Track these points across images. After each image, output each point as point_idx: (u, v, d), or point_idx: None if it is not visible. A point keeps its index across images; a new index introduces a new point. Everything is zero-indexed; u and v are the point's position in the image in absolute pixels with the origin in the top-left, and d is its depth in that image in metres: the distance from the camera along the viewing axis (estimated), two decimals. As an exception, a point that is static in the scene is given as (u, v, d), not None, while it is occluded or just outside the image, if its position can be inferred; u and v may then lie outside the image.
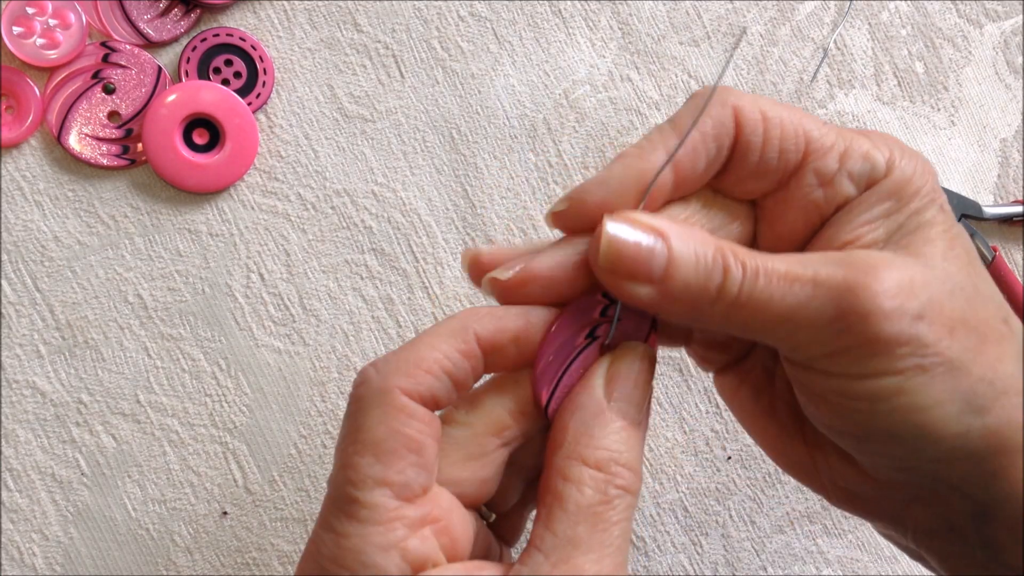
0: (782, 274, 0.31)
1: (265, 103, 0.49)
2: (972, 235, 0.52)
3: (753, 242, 0.35)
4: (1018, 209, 0.52)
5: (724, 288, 0.31)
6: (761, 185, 0.34)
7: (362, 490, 0.30)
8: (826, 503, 0.51)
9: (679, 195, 0.34)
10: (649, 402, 0.33)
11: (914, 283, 0.30)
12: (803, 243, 0.34)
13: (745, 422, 0.39)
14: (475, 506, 0.34)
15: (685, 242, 0.31)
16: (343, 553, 0.30)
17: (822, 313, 0.30)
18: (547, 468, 0.32)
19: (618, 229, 0.31)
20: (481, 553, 0.34)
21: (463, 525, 0.32)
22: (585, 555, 0.30)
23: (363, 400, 0.31)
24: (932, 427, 0.30)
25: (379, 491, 0.30)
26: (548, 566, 0.30)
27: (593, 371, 0.33)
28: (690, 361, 0.51)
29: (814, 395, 0.33)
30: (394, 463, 0.30)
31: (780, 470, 0.51)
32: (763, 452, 0.49)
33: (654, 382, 0.34)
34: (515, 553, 0.36)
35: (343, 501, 0.30)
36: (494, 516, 0.35)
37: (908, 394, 0.30)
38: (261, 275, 0.49)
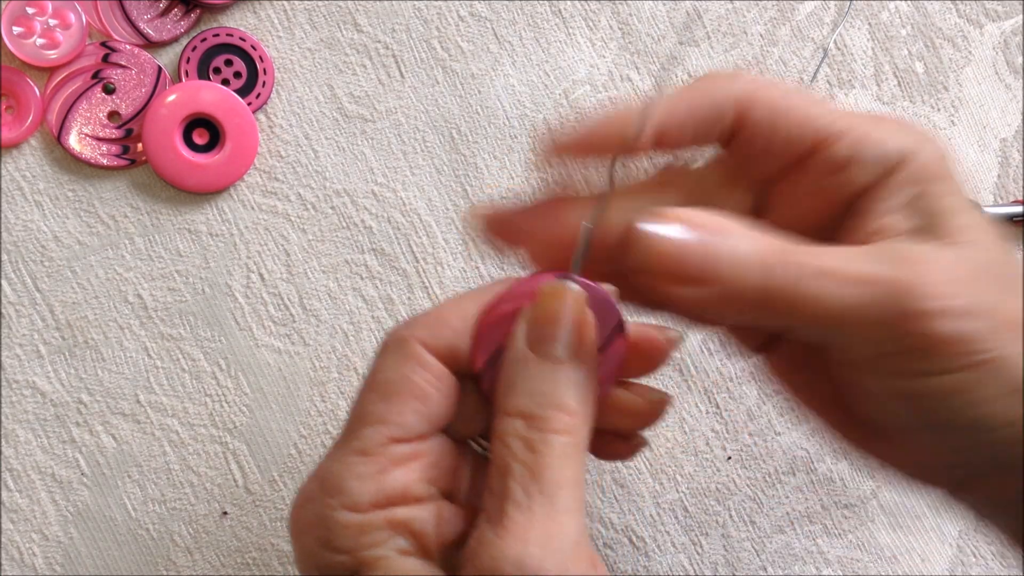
0: (832, 273, 0.29)
1: (265, 103, 0.49)
2: (972, 235, 0.52)
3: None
4: (1018, 209, 0.52)
5: (777, 289, 0.29)
6: (767, 169, 0.33)
7: (361, 425, 0.32)
8: (826, 503, 0.51)
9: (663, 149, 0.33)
10: (583, 334, 0.31)
11: (960, 277, 0.30)
12: (817, 230, 0.33)
13: (786, 390, 0.38)
14: (465, 438, 0.34)
15: (742, 239, 0.30)
16: (327, 476, 0.31)
17: (873, 314, 0.29)
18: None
19: (660, 228, 0.29)
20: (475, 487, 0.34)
21: (460, 466, 0.33)
22: (527, 516, 0.29)
23: (384, 347, 0.33)
24: (985, 419, 0.30)
25: (375, 428, 0.31)
26: (491, 532, 0.29)
27: (517, 322, 0.32)
28: (689, 361, 0.51)
29: (861, 392, 0.32)
30: (395, 405, 0.31)
31: (780, 470, 0.51)
32: (766, 450, 0.49)
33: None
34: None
35: (345, 432, 0.32)
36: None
37: (962, 391, 0.30)
38: (261, 275, 0.49)
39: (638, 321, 0.34)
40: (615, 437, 0.36)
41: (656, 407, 0.35)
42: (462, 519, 0.32)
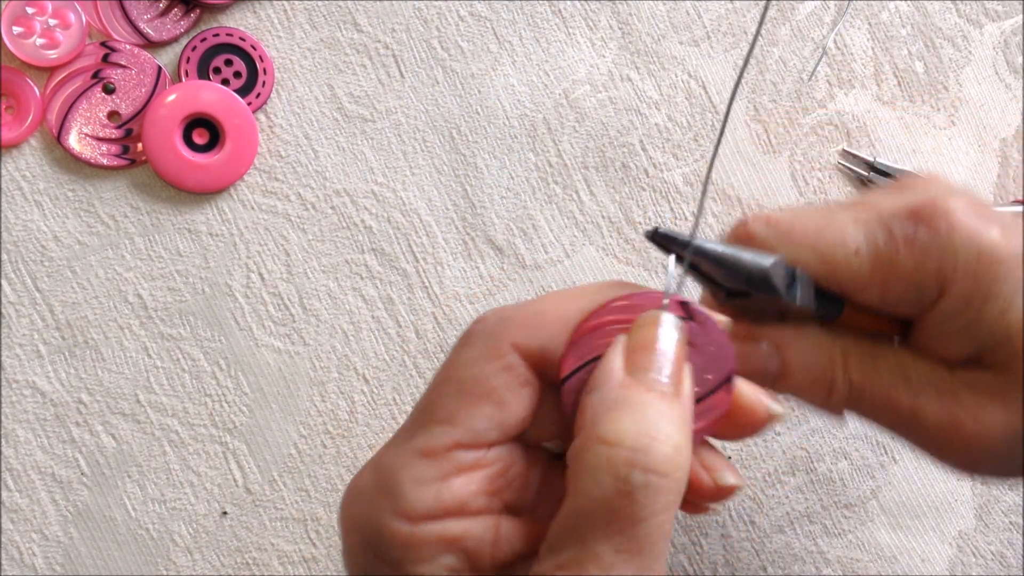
0: (884, 399, 0.31)
1: (265, 103, 0.49)
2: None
3: None
4: (1018, 209, 0.52)
5: (832, 402, 0.32)
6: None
7: (429, 421, 0.29)
8: (826, 503, 0.51)
9: None
10: (683, 372, 0.29)
11: (1017, 432, 0.30)
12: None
13: None
14: (535, 442, 0.31)
15: (802, 353, 0.32)
16: (385, 472, 0.29)
17: (927, 441, 0.32)
18: (568, 453, 0.28)
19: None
20: (545, 494, 0.31)
21: (528, 474, 0.30)
22: (596, 560, 0.25)
23: (472, 336, 0.30)
24: None
25: (443, 428, 0.29)
26: (552, 566, 0.26)
27: (612, 347, 0.29)
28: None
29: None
30: (468, 407, 0.29)
31: (780, 470, 0.51)
32: (766, 451, 0.49)
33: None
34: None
35: (411, 422, 0.30)
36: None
37: None
38: (261, 275, 0.49)
39: (749, 382, 0.31)
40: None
41: (722, 494, 0.31)
42: (523, 536, 0.29)
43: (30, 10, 0.47)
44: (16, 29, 0.47)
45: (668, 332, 0.28)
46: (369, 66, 0.50)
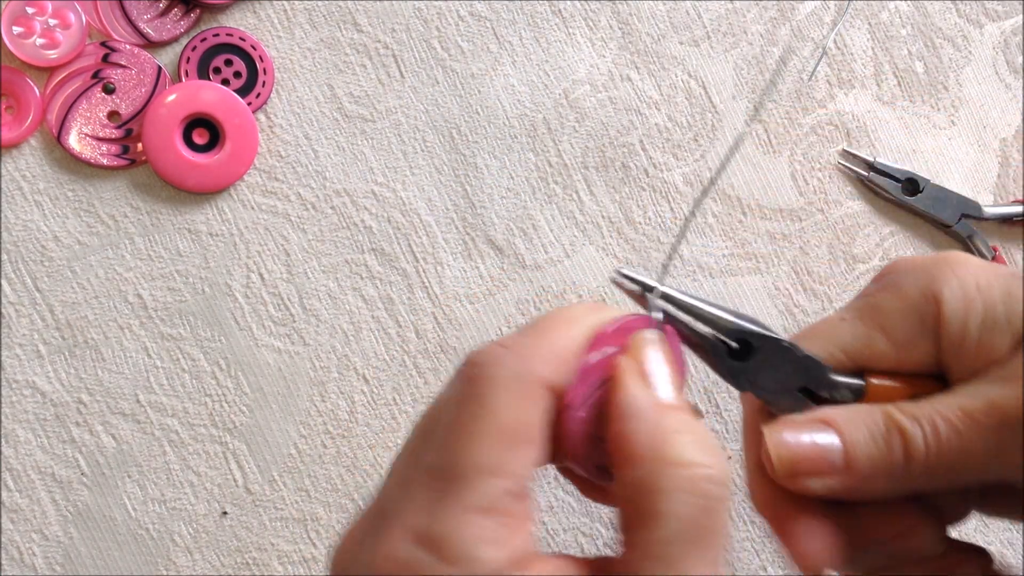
0: (967, 421, 0.30)
1: (265, 103, 0.49)
2: (972, 235, 0.52)
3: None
4: (1018, 209, 0.52)
5: (911, 451, 0.30)
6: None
7: (474, 472, 0.27)
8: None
9: None
10: (680, 386, 0.31)
11: None
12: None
13: None
14: None
15: (852, 421, 0.31)
16: (439, 538, 0.27)
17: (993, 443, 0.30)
18: (628, 484, 0.28)
19: (782, 435, 0.31)
20: None
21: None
22: (687, 571, 0.26)
23: (494, 380, 0.28)
24: None
25: (491, 479, 0.27)
26: None
27: (622, 372, 0.29)
28: (689, 360, 0.51)
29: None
30: (514, 453, 0.28)
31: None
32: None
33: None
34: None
35: (451, 484, 0.28)
36: None
37: None
38: (261, 275, 0.49)
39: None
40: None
41: None
42: (585, 571, 0.29)
43: (30, 10, 0.47)
44: (16, 29, 0.47)
45: (661, 351, 0.30)
46: (369, 66, 0.50)
